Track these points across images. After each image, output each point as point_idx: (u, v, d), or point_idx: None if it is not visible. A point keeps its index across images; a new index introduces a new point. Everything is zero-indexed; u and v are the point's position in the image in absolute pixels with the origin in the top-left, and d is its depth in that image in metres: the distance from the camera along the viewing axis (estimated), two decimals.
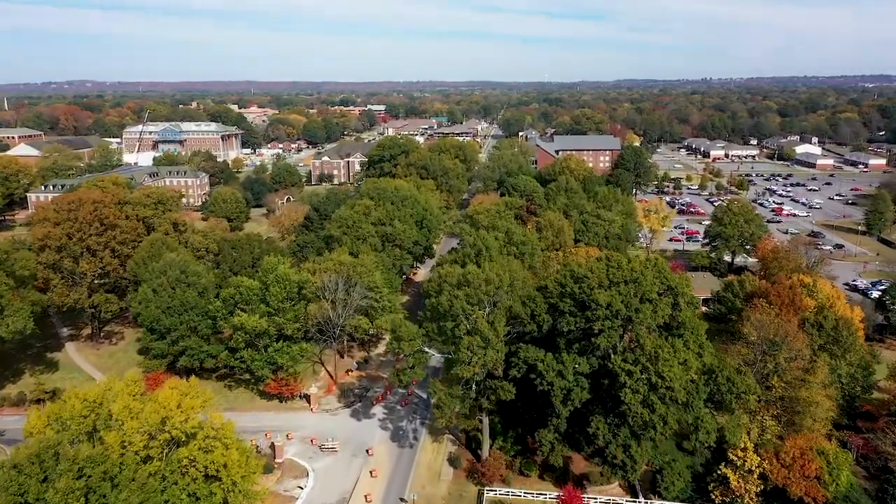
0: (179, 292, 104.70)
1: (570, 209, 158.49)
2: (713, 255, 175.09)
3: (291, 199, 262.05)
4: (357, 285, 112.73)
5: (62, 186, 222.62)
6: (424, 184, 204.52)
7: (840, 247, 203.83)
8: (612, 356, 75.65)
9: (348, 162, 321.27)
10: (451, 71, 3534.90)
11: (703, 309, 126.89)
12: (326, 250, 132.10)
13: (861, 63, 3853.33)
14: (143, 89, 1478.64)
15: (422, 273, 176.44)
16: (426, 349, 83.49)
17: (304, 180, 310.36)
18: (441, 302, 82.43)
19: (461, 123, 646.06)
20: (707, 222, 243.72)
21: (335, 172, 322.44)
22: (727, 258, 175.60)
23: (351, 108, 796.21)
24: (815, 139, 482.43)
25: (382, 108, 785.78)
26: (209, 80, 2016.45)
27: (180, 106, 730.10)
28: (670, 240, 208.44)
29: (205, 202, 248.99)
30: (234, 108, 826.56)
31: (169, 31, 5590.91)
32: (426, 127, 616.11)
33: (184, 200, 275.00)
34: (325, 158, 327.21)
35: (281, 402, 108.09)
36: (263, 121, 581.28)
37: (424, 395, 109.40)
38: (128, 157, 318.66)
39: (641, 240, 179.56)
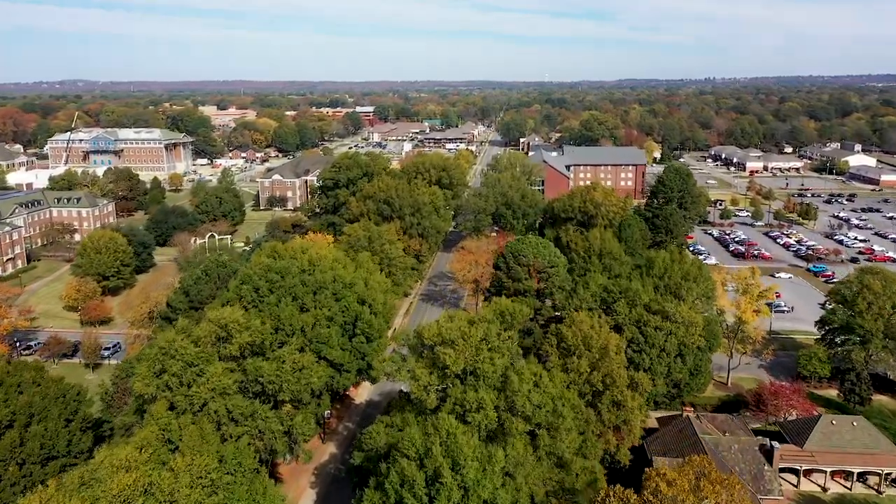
0: None
1: (612, 296, 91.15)
2: (836, 352, 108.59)
3: (216, 237, 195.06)
4: None
5: None
6: (383, 230, 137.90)
7: None
8: None
9: (306, 181, 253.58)
10: (451, 71, 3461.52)
11: None
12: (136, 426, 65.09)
13: (862, 62, 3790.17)
14: (135, 89, 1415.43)
15: (366, 389, 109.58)
16: None
17: (247, 206, 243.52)
18: None
19: (456, 127, 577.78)
20: (783, 275, 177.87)
21: (289, 195, 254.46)
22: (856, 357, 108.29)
23: (338, 109, 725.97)
24: (858, 146, 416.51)
25: (371, 109, 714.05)
26: (205, 79, 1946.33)
27: (151, 107, 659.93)
28: None
29: None
30: (213, 108, 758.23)
31: (168, 30, 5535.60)
32: (416, 131, 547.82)
33: (77, 237, 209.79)
34: (277, 177, 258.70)
35: None
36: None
37: None
38: (16, 177, 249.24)
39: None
